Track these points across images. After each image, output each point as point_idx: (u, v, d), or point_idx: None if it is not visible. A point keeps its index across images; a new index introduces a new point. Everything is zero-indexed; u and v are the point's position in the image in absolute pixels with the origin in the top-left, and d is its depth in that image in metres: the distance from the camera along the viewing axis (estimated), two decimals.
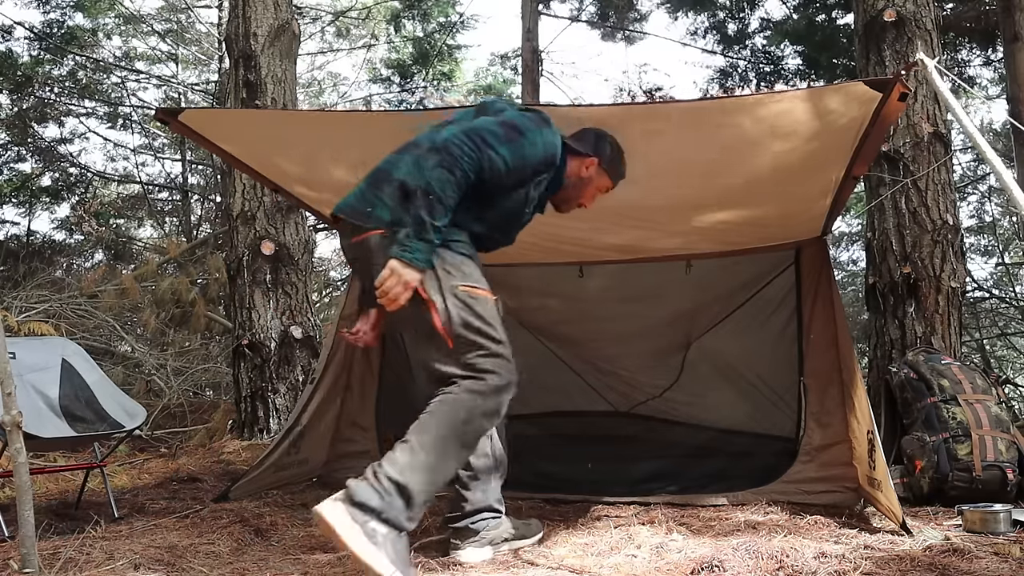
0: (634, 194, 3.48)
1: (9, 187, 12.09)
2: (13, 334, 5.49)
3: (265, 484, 3.81)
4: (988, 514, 2.90)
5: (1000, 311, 10.55)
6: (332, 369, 4.13)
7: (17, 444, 2.28)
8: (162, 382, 6.91)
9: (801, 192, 3.40)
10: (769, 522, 3.06)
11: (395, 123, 3.46)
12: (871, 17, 5.05)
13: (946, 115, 4.92)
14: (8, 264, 10.36)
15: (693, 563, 2.35)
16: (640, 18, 11.87)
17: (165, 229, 13.23)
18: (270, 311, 5.55)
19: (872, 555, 2.46)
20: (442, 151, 2.34)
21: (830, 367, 3.67)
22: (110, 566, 2.42)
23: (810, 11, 10.20)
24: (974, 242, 11.75)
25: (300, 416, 3.99)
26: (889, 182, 4.86)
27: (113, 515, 3.30)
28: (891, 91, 2.53)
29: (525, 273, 4.39)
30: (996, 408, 3.63)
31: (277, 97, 5.81)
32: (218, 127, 3.41)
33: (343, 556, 2.57)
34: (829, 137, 2.94)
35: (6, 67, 10.98)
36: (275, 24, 5.88)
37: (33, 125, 11.90)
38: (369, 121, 3.84)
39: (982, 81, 11.01)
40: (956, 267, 4.75)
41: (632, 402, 4.55)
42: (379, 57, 13.82)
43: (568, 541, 2.81)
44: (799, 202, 3.50)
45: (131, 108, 12.82)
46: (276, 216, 5.65)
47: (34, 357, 3.64)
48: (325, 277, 12.00)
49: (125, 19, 12.75)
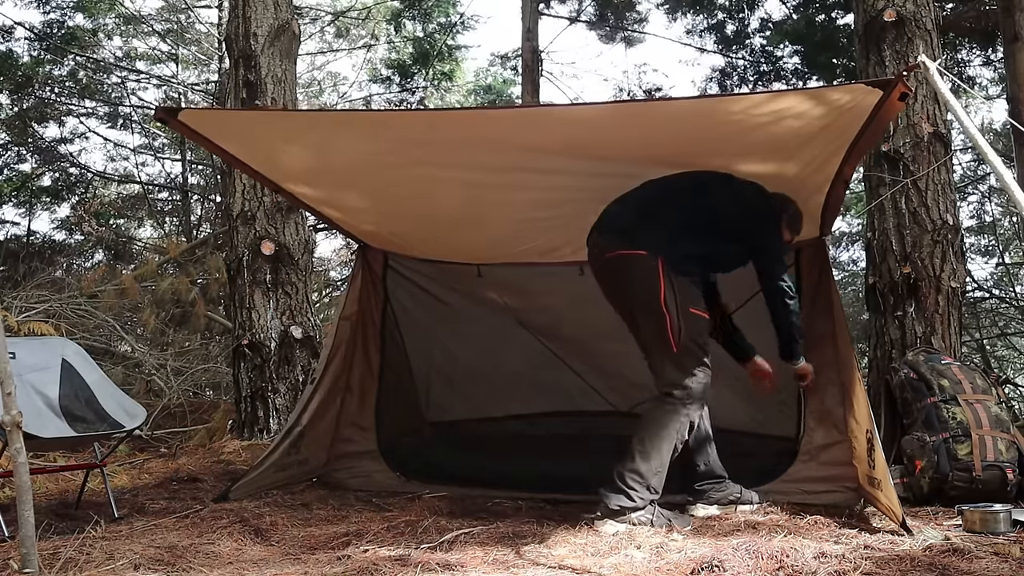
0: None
1: (9, 187, 12.09)
2: (13, 334, 5.48)
3: (265, 484, 3.81)
4: (988, 514, 2.90)
5: (1000, 311, 10.54)
6: (332, 369, 4.13)
7: (17, 444, 2.28)
8: (162, 382, 6.90)
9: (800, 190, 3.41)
10: (769, 522, 3.06)
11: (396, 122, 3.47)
12: (871, 17, 5.05)
13: (946, 115, 4.92)
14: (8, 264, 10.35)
15: (693, 563, 2.35)
16: (640, 19, 11.89)
17: (165, 229, 13.23)
18: (270, 311, 5.55)
19: (872, 555, 2.46)
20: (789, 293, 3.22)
21: (829, 366, 3.66)
22: (110, 566, 2.42)
23: (810, 11, 10.20)
24: (974, 242, 11.74)
25: (300, 416, 3.99)
26: (889, 182, 4.86)
27: (113, 515, 3.30)
28: (892, 91, 2.54)
29: (525, 273, 4.39)
30: (996, 408, 3.63)
31: (277, 97, 5.81)
32: (217, 126, 3.40)
33: (343, 556, 2.57)
34: (827, 136, 2.95)
35: (6, 67, 10.97)
36: (275, 24, 5.88)
37: (33, 125, 11.89)
38: (369, 120, 3.85)
39: (982, 81, 11.02)
40: (956, 267, 4.75)
41: (632, 402, 4.54)
42: (379, 57, 13.83)
43: (568, 541, 2.80)
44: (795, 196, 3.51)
45: (131, 108, 12.83)
46: (276, 216, 5.65)
47: (34, 357, 3.63)
48: (325, 277, 12.00)
49: (125, 19, 12.73)
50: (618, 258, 3.15)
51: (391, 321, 4.45)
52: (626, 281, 3.16)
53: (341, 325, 4.20)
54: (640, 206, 3.21)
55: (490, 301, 4.53)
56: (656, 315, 3.06)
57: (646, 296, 3.09)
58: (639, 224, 3.15)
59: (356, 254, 4.45)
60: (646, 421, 3.13)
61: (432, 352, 4.59)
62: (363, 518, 3.29)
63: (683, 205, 3.22)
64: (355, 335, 4.25)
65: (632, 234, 3.14)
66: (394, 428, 4.33)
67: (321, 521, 3.24)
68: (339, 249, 12.92)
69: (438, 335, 4.58)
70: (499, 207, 3.79)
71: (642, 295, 3.11)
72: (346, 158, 3.50)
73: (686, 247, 3.14)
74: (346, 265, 12.23)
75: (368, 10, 13.00)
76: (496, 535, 2.90)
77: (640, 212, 3.20)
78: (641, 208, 3.21)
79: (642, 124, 3.22)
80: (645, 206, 3.21)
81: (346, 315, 4.24)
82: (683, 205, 3.22)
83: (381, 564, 2.42)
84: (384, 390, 4.33)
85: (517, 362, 4.48)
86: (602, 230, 3.26)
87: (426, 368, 4.59)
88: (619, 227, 3.20)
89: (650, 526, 2.95)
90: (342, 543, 2.78)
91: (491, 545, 2.74)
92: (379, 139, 3.35)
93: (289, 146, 3.45)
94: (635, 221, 3.17)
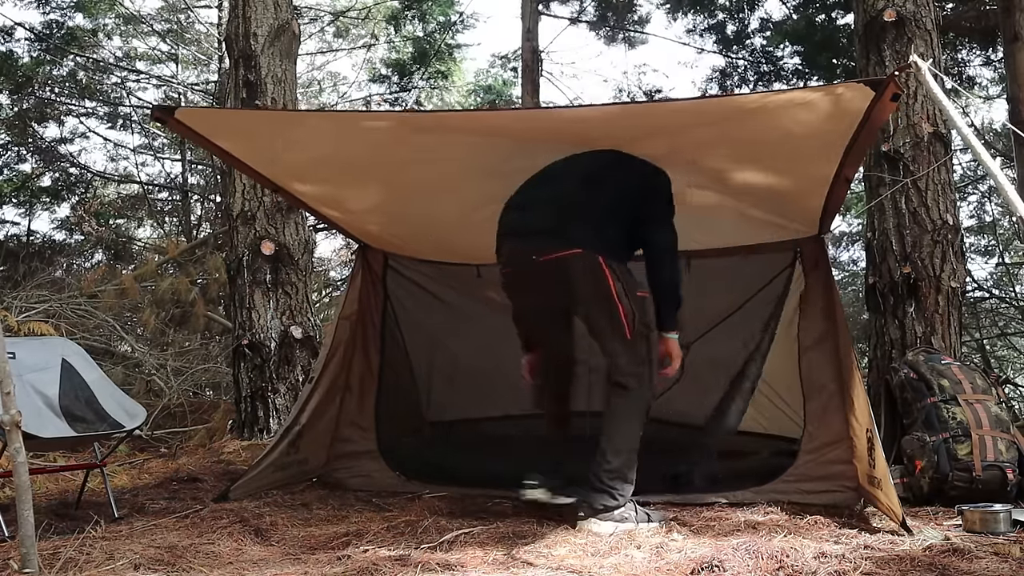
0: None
1: (9, 187, 12.09)
2: (13, 334, 5.48)
3: (265, 484, 3.81)
4: (988, 514, 2.90)
5: (1000, 311, 10.53)
6: (331, 369, 4.13)
7: (17, 444, 2.28)
8: (162, 382, 6.90)
9: (795, 188, 3.42)
10: (769, 522, 3.06)
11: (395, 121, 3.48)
12: (871, 17, 5.05)
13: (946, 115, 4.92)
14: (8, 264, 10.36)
15: (693, 563, 2.35)
16: (640, 20, 11.88)
17: (165, 229, 13.23)
18: (270, 311, 5.55)
19: (872, 555, 2.46)
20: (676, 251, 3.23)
21: (829, 366, 3.66)
22: (110, 566, 2.42)
23: (810, 11, 10.20)
24: (974, 242, 11.74)
25: (299, 416, 3.99)
26: (889, 182, 4.86)
27: (113, 515, 3.30)
28: (884, 91, 2.54)
29: None
30: (996, 408, 3.63)
31: (277, 97, 5.81)
32: (214, 125, 3.40)
33: (343, 556, 2.57)
34: (824, 135, 2.95)
35: (6, 67, 10.97)
36: (275, 24, 5.88)
37: (33, 125, 11.89)
38: (369, 120, 3.85)
39: (982, 81, 11.01)
40: (956, 267, 4.75)
41: None
42: (379, 57, 13.83)
43: (568, 541, 2.80)
44: (793, 199, 3.51)
45: (131, 108, 12.82)
46: (276, 216, 5.65)
47: (34, 357, 3.63)
48: (325, 277, 12.00)
49: (125, 19, 12.73)
50: (555, 260, 3.07)
51: (391, 321, 4.45)
52: (571, 281, 3.09)
53: (341, 325, 4.20)
54: (556, 203, 3.16)
55: (490, 301, 4.52)
56: (610, 306, 3.05)
57: (597, 292, 3.06)
58: (564, 222, 3.10)
59: (356, 254, 4.45)
60: (610, 416, 3.10)
61: (432, 352, 4.58)
62: (363, 518, 3.29)
63: (595, 193, 3.17)
64: (355, 335, 4.25)
65: (562, 233, 3.08)
66: (394, 428, 4.33)
67: (321, 521, 3.24)
68: (339, 249, 12.92)
69: (438, 335, 4.58)
70: (500, 207, 3.79)
71: (593, 291, 3.08)
72: (346, 158, 3.50)
73: (612, 234, 3.13)
74: (346, 265, 12.23)
75: (368, 10, 13.00)
76: (496, 535, 2.90)
77: (560, 209, 3.14)
78: (558, 205, 3.15)
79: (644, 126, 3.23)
80: (561, 202, 3.16)
81: (346, 315, 4.24)
82: (595, 193, 3.17)
83: (381, 564, 2.41)
84: (384, 390, 4.33)
85: (517, 362, 4.47)
86: (521, 234, 3.20)
87: (426, 368, 4.59)
88: (543, 228, 3.13)
89: (635, 519, 2.98)
90: (342, 543, 2.78)
91: (491, 545, 2.74)
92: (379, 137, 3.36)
93: (288, 145, 3.45)
94: (558, 219, 3.11)
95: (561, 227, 3.10)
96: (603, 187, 3.21)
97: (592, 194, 3.18)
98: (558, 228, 3.10)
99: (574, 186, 3.21)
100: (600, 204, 3.17)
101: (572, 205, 3.15)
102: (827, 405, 3.66)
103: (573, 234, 3.08)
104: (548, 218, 3.14)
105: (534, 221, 3.18)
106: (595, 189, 3.20)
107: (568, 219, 3.11)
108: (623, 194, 3.21)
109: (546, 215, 3.15)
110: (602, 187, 3.21)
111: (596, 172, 3.25)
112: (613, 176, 3.25)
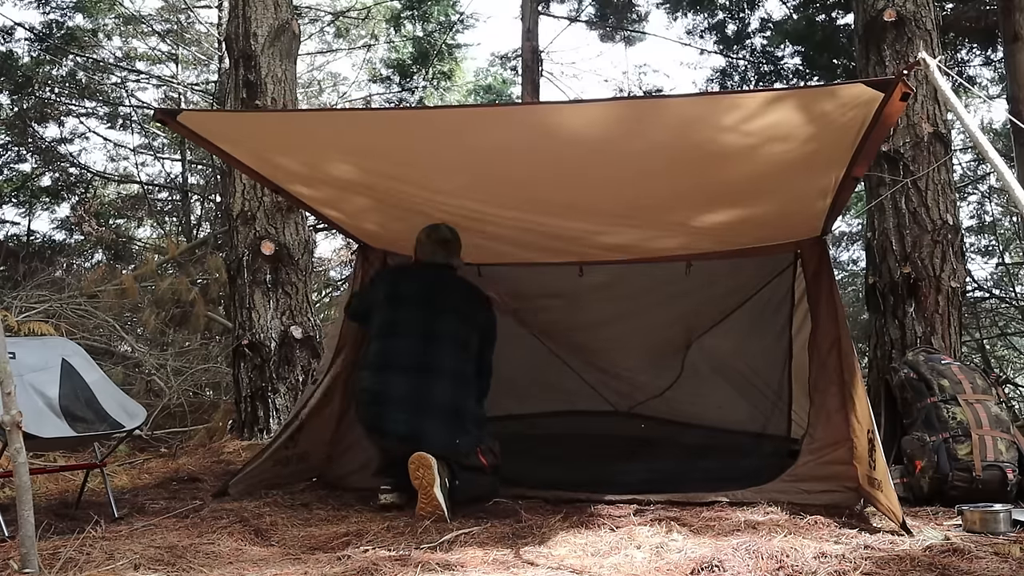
0: (627, 195, 3.49)
1: (9, 187, 12.10)
2: (13, 334, 5.48)
3: (265, 479, 3.81)
4: (988, 514, 2.90)
5: (1000, 311, 10.53)
6: (334, 368, 4.13)
7: (17, 444, 2.28)
8: (162, 382, 6.90)
9: (800, 192, 3.41)
10: (769, 522, 3.06)
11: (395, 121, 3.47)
12: (871, 17, 5.05)
13: (946, 115, 4.93)
14: (8, 264, 10.34)
15: (693, 563, 2.35)
16: (640, 19, 11.88)
17: (165, 229, 13.23)
18: (270, 311, 5.55)
19: (872, 555, 2.46)
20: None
21: (830, 366, 3.66)
22: (110, 566, 2.41)
23: (810, 11, 10.20)
24: (974, 242, 11.74)
25: (299, 411, 4.00)
26: (889, 182, 4.86)
27: (113, 515, 3.30)
28: (893, 91, 2.53)
29: (525, 273, 4.39)
30: (996, 408, 3.63)
31: (277, 97, 5.81)
32: (216, 128, 3.40)
33: (343, 556, 2.57)
34: (828, 137, 2.94)
35: (6, 67, 10.98)
36: (275, 24, 5.88)
37: (33, 125, 11.89)
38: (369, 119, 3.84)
39: (982, 81, 11.02)
40: (956, 267, 4.75)
41: (632, 402, 4.55)
42: (379, 57, 13.83)
43: (568, 541, 2.80)
44: (797, 202, 3.50)
45: (131, 108, 12.83)
46: (276, 216, 5.65)
47: (34, 357, 3.63)
48: (325, 277, 11.99)
49: (125, 19, 12.74)
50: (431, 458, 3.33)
51: None
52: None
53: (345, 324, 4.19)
54: (416, 400, 3.48)
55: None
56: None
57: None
58: (430, 424, 3.44)
59: (356, 254, 4.45)
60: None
61: None
62: (363, 518, 3.29)
63: (446, 361, 3.59)
64: (356, 334, 4.25)
65: (434, 435, 3.42)
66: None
67: (321, 521, 3.24)
68: (339, 249, 12.91)
69: None
70: (500, 208, 3.79)
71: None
72: (346, 157, 3.50)
73: (472, 393, 3.63)
74: (346, 265, 12.23)
75: (368, 10, 13.00)
76: (496, 535, 2.90)
77: (422, 410, 3.47)
78: (419, 404, 3.47)
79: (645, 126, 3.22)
80: (422, 400, 3.48)
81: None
82: (446, 361, 3.59)
83: (381, 564, 2.41)
84: None
85: (517, 362, 4.48)
86: (403, 438, 3.47)
87: None
88: (414, 434, 3.44)
89: None
90: (342, 543, 2.78)
91: (491, 545, 2.74)
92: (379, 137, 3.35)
93: (289, 146, 3.45)
94: (421, 422, 3.44)
95: (431, 429, 3.48)
96: (450, 344, 3.64)
97: (446, 370, 3.58)
98: (427, 431, 3.48)
99: (427, 364, 3.58)
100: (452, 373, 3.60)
101: (429, 397, 3.53)
102: (829, 406, 3.66)
103: (436, 436, 3.47)
104: (415, 422, 3.50)
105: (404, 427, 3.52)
106: (442, 353, 3.60)
107: (432, 419, 3.49)
108: (467, 332, 3.68)
109: (411, 418, 3.51)
110: (449, 345, 3.64)
111: (439, 328, 3.65)
112: (454, 319, 3.69)
